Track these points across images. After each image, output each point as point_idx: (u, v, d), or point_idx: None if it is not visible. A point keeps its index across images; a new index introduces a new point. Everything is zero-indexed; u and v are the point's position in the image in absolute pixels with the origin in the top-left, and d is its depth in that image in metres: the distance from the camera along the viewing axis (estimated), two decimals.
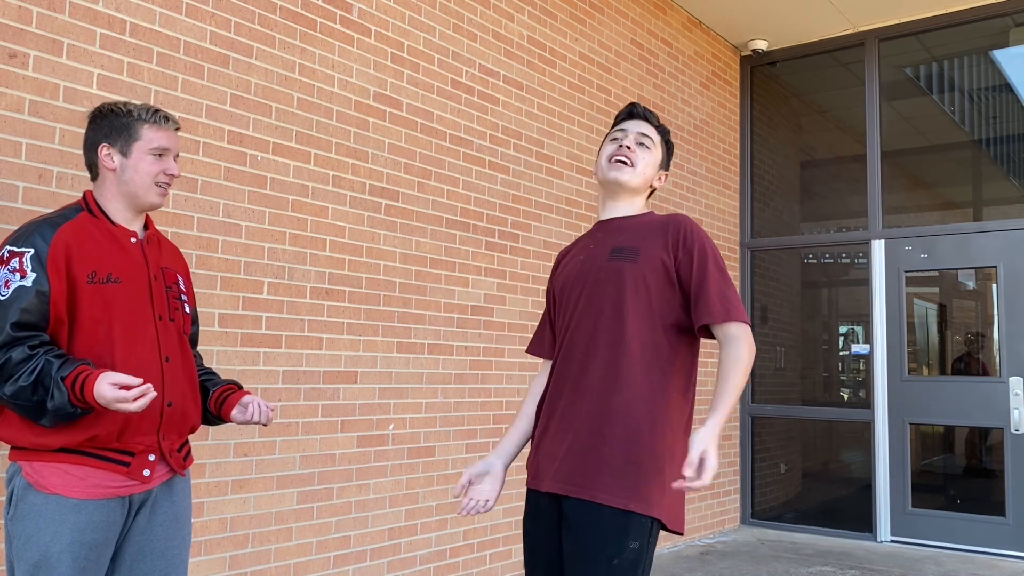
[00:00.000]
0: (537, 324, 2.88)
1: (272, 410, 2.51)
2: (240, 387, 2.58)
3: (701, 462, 1.98)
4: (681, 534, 2.23)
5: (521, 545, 4.91)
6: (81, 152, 3.07)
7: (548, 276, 5.19)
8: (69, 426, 2.18)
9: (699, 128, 6.83)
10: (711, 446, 2.00)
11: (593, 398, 2.20)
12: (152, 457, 2.31)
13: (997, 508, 6.16)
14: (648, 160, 2.40)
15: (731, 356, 2.14)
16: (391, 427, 4.21)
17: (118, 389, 2.06)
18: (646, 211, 2.44)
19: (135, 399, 2.06)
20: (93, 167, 2.37)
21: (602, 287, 2.26)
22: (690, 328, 2.26)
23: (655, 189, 2.50)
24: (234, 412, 2.49)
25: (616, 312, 2.22)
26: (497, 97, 4.92)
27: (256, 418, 2.46)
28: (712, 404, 2.10)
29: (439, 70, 4.57)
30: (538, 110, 5.21)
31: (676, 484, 2.01)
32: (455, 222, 4.61)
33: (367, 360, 4.10)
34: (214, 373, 2.63)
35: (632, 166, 2.37)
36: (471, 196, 4.72)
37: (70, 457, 2.20)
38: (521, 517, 4.92)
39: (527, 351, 2.59)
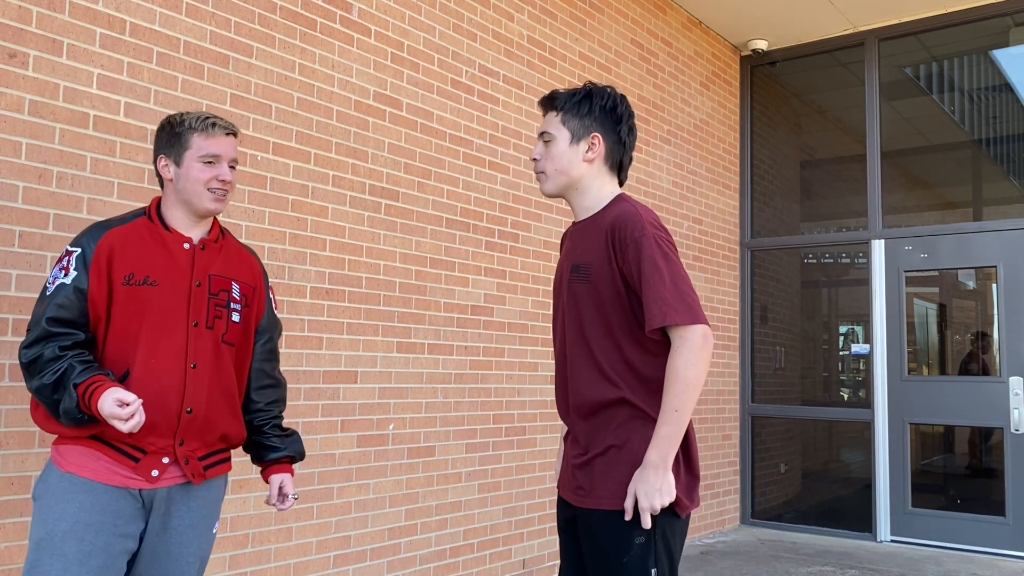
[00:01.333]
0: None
1: (292, 500, 2.57)
2: (290, 458, 2.60)
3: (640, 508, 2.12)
4: (686, 515, 2.23)
5: (521, 545, 4.93)
6: (82, 153, 3.09)
7: (548, 276, 5.20)
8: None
9: (699, 128, 6.83)
10: (639, 487, 2.11)
11: (581, 416, 2.29)
12: (166, 460, 2.33)
13: (997, 508, 6.16)
14: (553, 154, 2.32)
15: (667, 375, 2.12)
16: (391, 427, 4.21)
17: (118, 405, 2.12)
18: (608, 200, 2.33)
19: (127, 418, 2.13)
20: (158, 177, 2.45)
21: (568, 312, 2.31)
22: None
23: (599, 157, 2.32)
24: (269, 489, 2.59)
25: (582, 338, 2.26)
26: (497, 97, 4.92)
27: (273, 501, 2.57)
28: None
29: (439, 70, 4.57)
30: (538, 110, 5.21)
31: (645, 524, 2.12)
32: (455, 222, 4.61)
33: (367, 360, 4.10)
34: (279, 424, 2.62)
35: (543, 174, 2.35)
36: (471, 196, 4.72)
37: (87, 440, 2.29)
38: (520, 518, 4.94)
39: None
